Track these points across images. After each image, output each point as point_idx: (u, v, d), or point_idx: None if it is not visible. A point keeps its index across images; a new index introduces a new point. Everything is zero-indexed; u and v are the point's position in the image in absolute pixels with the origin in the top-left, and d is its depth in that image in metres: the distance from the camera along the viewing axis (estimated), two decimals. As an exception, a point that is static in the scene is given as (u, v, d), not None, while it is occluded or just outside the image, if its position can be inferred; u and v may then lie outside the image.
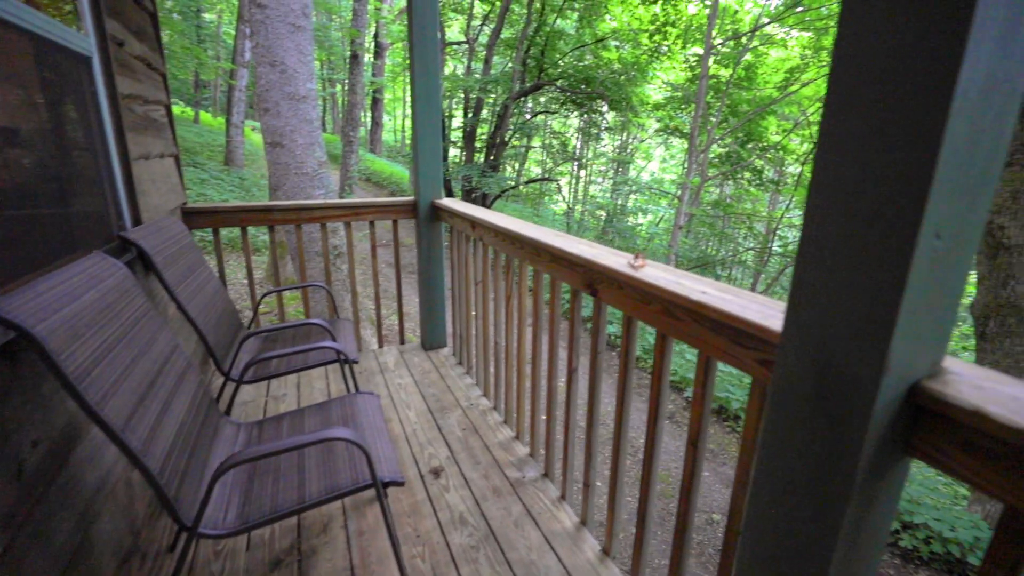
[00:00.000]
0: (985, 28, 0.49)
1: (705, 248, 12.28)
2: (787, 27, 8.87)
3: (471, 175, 10.30)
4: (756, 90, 9.77)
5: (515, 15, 13.17)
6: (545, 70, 11.85)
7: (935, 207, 0.54)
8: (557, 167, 14.32)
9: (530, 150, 15.24)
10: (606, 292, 1.30)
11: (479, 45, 13.85)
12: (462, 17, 14.22)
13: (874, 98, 0.56)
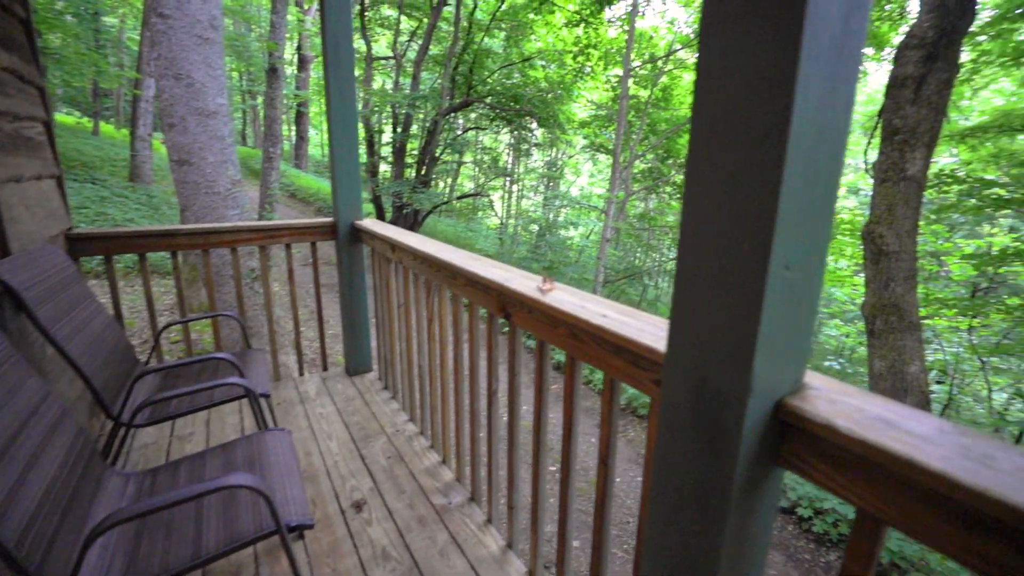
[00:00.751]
0: (809, 86, 0.55)
1: (633, 259, 12.85)
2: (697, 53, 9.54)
3: (402, 191, 10.15)
4: (673, 110, 10.45)
5: (443, 32, 13.25)
6: (474, 87, 11.98)
7: (782, 241, 0.60)
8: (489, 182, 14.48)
9: (462, 165, 15.30)
10: (518, 315, 1.31)
11: (407, 61, 13.79)
12: (389, 32, 14.11)
13: (725, 145, 0.61)
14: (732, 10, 0.58)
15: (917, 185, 5.14)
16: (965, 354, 9.01)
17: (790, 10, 0.53)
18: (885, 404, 0.67)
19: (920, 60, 4.99)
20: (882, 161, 5.20)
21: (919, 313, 5.44)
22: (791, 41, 0.53)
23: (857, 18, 0.58)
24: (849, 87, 0.60)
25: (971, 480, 0.52)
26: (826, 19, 0.54)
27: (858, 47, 0.59)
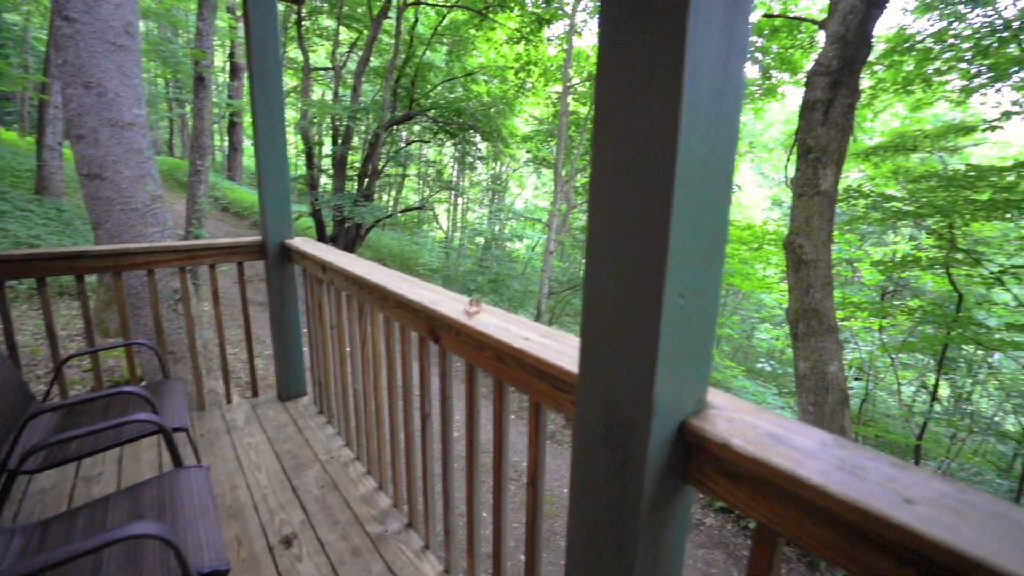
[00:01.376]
0: (692, 130, 0.59)
1: (577, 271, 13.16)
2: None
3: (343, 205, 9.89)
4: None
5: (384, 44, 13.13)
6: (416, 100, 11.92)
7: (675, 271, 0.63)
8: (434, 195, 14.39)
9: (406, 178, 15.13)
10: (447, 338, 1.30)
11: (347, 72, 13.54)
12: (328, 43, 13.81)
13: (621, 183, 0.64)
14: (621, 62, 0.61)
15: (829, 199, 5.59)
16: (877, 352, 9.84)
17: (671, 63, 0.56)
18: (776, 421, 0.72)
19: (827, 86, 5.45)
20: (798, 177, 5.62)
21: (836, 317, 5.88)
22: (673, 91, 0.57)
23: (735, 66, 0.62)
24: (731, 127, 0.64)
25: (842, 491, 0.57)
26: (704, 69, 0.58)
27: (738, 92, 0.63)
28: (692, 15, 0.55)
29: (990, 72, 6.18)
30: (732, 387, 10.38)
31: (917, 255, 7.75)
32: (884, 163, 8.10)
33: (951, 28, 6.29)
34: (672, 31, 0.56)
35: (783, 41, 7.80)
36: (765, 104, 9.31)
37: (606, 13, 0.62)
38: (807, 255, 5.49)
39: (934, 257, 7.57)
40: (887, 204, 6.59)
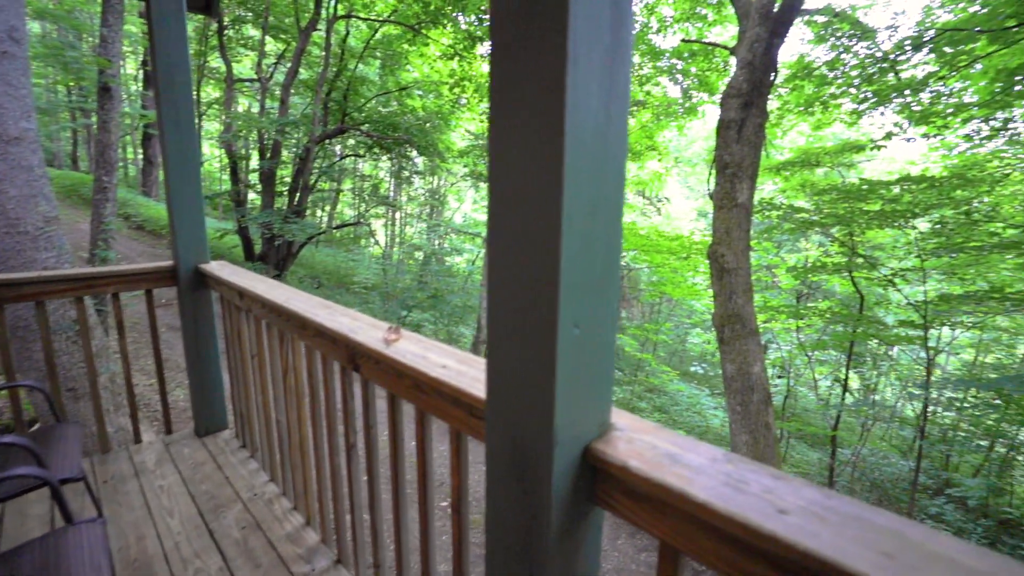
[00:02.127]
0: (578, 170, 0.62)
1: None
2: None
3: (272, 222, 9.45)
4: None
5: (314, 57, 12.79)
6: (349, 114, 11.67)
7: (568, 302, 0.65)
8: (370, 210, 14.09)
9: (341, 193, 14.72)
10: (367, 367, 1.27)
11: (275, 84, 13.06)
12: (253, 53, 13.26)
13: (515, 219, 0.66)
14: (510, 107, 0.64)
15: (746, 211, 6.00)
16: (796, 351, 10.62)
17: (553, 109, 0.59)
18: (673, 439, 0.75)
19: (739, 107, 5.89)
20: (718, 191, 6.00)
21: (757, 320, 6.29)
22: (557, 134, 0.59)
23: (617, 110, 0.66)
24: (617, 165, 0.68)
25: (724, 506, 0.60)
26: (586, 113, 0.61)
27: (621, 133, 0.67)
28: (571, 65, 0.58)
29: (875, 97, 6.92)
30: (669, 390, 10.82)
31: (825, 261, 8.48)
32: (793, 177, 8.82)
33: (841, 57, 7.00)
34: (552, 80, 0.59)
35: (700, 64, 8.36)
36: (688, 122, 9.92)
37: (496, 58, 0.64)
38: (729, 264, 5.86)
39: (839, 262, 8.31)
40: (796, 215, 7.18)
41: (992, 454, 10.01)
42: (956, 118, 6.58)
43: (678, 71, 8.59)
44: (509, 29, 0.62)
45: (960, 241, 7.07)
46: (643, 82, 8.89)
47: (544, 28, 0.58)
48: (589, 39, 0.60)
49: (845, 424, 10.90)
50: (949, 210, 7.23)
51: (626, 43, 0.65)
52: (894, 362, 12.23)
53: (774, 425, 5.99)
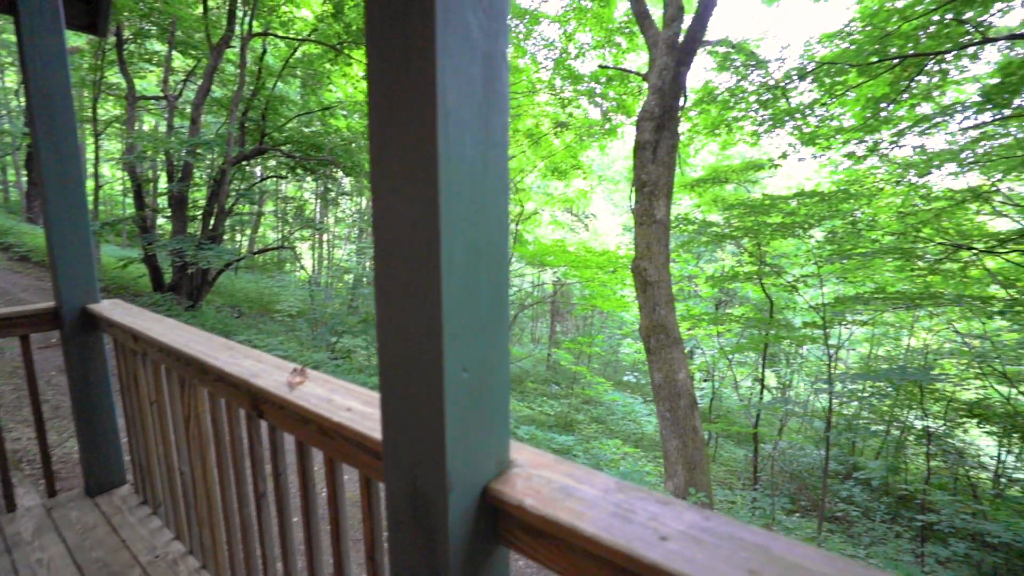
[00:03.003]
0: (453, 217, 0.63)
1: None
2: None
3: (183, 248, 8.79)
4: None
5: (228, 74, 12.19)
6: (269, 134, 11.19)
7: (454, 347, 0.65)
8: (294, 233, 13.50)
9: (262, 216, 14.00)
10: (271, 413, 1.21)
11: (184, 102, 12.28)
12: (158, 69, 12.43)
13: (398, 264, 0.66)
14: (387, 154, 0.64)
15: (664, 227, 6.36)
16: (718, 355, 11.30)
17: (427, 159, 0.60)
18: (570, 471, 0.78)
19: (653, 129, 6.27)
20: (637, 208, 6.32)
21: (681, 329, 6.63)
22: (431, 183, 0.60)
23: (495, 158, 0.68)
24: (499, 211, 0.70)
25: (610, 538, 0.63)
26: (461, 163, 0.63)
27: (500, 180, 0.69)
28: (442, 119, 0.59)
29: (771, 120, 7.63)
30: (604, 400, 11.12)
31: (738, 270, 9.15)
32: (706, 193, 9.48)
33: (741, 84, 7.67)
34: (425, 134, 0.60)
35: (617, 89, 8.84)
36: (609, 142, 10.42)
37: (373, 112, 0.65)
38: (651, 277, 6.17)
39: (750, 271, 8.99)
40: (710, 228, 7.70)
41: (888, 437, 11.11)
42: (837, 139, 7.39)
43: (597, 95, 9.03)
44: (383, 85, 0.63)
45: (849, 248, 7.88)
46: (565, 104, 9.25)
47: (416, 85, 0.60)
48: (460, 94, 0.62)
49: (765, 421, 11.70)
50: (838, 221, 8.06)
51: (500, 95, 0.67)
52: (804, 360, 13.32)
53: (701, 428, 6.31)
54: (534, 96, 9.71)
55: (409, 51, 0.60)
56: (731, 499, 8.66)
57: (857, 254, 7.77)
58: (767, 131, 7.80)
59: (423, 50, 0.58)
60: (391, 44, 0.61)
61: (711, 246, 10.14)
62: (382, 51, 0.62)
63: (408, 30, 0.59)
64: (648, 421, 10.75)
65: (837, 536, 8.07)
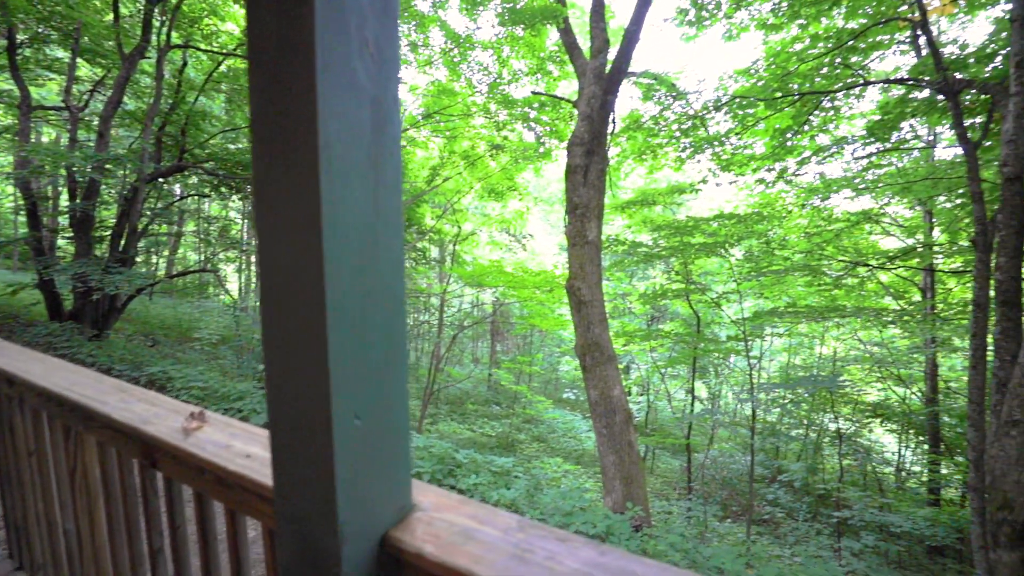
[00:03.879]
0: (343, 261, 0.62)
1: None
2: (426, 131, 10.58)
3: (88, 272, 8.02)
4: (409, 182, 11.19)
5: (143, 86, 11.44)
6: (189, 150, 10.56)
7: (346, 395, 0.63)
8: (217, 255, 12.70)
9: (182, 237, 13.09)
10: (165, 463, 1.12)
11: (91, 114, 11.36)
12: (60, 78, 11.45)
13: (284, 311, 0.64)
14: (271, 199, 0.62)
15: (596, 247, 6.57)
16: (652, 370, 11.74)
17: (310, 204, 0.59)
18: (473, 513, 0.77)
19: (583, 154, 6.51)
20: (570, 230, 6.51)
21: (615, 346, 6.83)
22: (314, 229, 0.59)
23: (386, 201, 0.68)
24: (392, 254, 0.69)
25: (499, 581, 0.62)
26: (347, 206, 0.62)
27: (393, 222, 0.69)
28: (325, 164, 0.59)
29: (692, 147, 8.16)
30: (545, 419, 11.20)
31: (667, 287, 9.61)
32: (636, 214, 9.93)
33: (664, 114, 8.17)
34: (306, 180, 0.59)
35: (550, 114, 9.15)
36: (543, 164, 10.71)
37: (256, 157, 0.63)
38: (585, 296, 6.34)
39: (678, 288, 9.46)
40: (639, 249, 8.05)
41: (807, 440, 11.93)
42: (750, 166, 8.02)
43: (531, 119, 9.29)
44: (266, 129, 0.61)
45: (764, 266, 8.51)
46: (500, 127, 9.44)
47: (297, 128, 0.59)
48: (347, 138, 0.61)
49: (698, 430, 12.23)
50: (754, 241, 8.70)
51: (391, 138, 0.67)
52: (731, 371, 14.11)
53: (637, 442, 6.48)
54: (470, 119, 9.84)
55: (290, 96, 0.59)
56: (668, 510, 8.93)
57: (771, 271, 8.41)
58: (689, 157, 8.33)
59: (304, 95, 0.58)
60: (272, 88, 0.60)
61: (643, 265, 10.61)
62: (263, 95, 0.61)
63: (288, 75, 0.59)
64: (588, 437, 10.93)
65: (765, 538, 8.51)
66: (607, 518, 5.42)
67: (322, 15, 0.57)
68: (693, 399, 10.73)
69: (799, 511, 9.41)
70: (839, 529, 8.33)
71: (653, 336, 9.99)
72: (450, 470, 6.30)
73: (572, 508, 5.59)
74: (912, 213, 10.07)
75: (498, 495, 5.68)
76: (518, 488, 6.06)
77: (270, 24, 0.59)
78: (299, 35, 0.57)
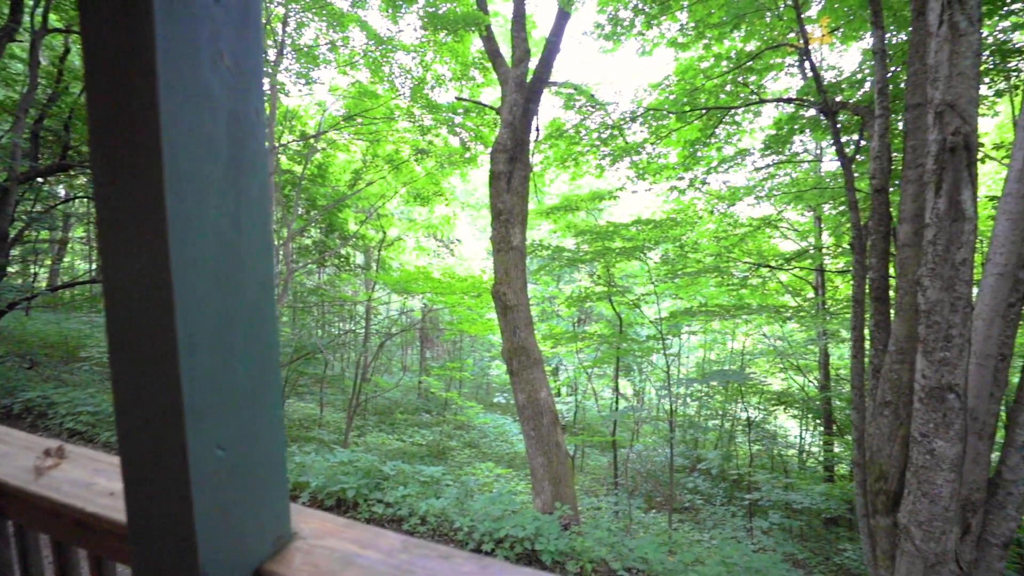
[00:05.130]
0: (198, 284, 0.58)
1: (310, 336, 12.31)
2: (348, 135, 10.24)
3: (-56, 286, 6.95)
4: (331, 186, 10.77)
5: (13, 73, 10.15)
6: (74, 147, 9.50)
7: (202, 424, 0.59)
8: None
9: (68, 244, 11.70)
10: (14, 508, 0.99)
11: (-52, 104, 9.92)
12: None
13: (132, 333, 0.59)
14: (115, 219, 0.58)
15: (521, 253, 6.67)
16: (580, 370, 12.10)
17: (157, 225, 0.55)
18: (356, 537, 0.75)
19: (506, 161, 6.59)
20: (495, 235, 6.56)
21: (543, 349, 6.95)
22: (161, 252, 0.55)
23: (251, 218, 0.65)
24: (260, 274, 0.66)
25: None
26: (202, 225, 0.59)
27: (260, 241, 0.66)
28: (171, 183, 0.55)
29: (611, 156, 8.52)
30: (477, 424, 11.19)
31: (591, 290, 9.95)
32: (561, 219, 10.20)
33: (585, 123, 8.47)
34: (151, 200, 0.55)
35: (475, 120, 9.18)
36: (470, 170, 10.73)
37: (95, 160, 0.58)
38: (511, 301, 6.41)
39: (602, 291, 9.83)
40: (563, 254, 8.28)
41: (722, 429, 12.80)
42: (665, 174, 8.51)
43: (456, 124, 9.28)
44: (106, 144, 0.57)
45: (679, 268, 9.04)
46: (425, 132, 9.33)
47: (140, 143, 0.55)
48: (199, 154, 0.58)
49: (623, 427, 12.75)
50: (670, 244, 9.23)
51: (254, 153, 0.65)
52: (653, 368, 14.85)
53: (565, 443, 6.64)
54: (394, 122, 9.65)
55: (130, 109, 0.55)
56: (597, 506, 9.22)
57: (686, 273, 8.96)
58: (610, 165, 8.69)
59: (146, 110, 0.54)
60: (111, 101, 0.56)
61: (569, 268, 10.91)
62: (102, 107, 0.56)
63: (129, 86, 0.54)
64: (520, 440, 11.05)
65: (687, 525, 9.02)
66: (536, 520, 5.50)
67: (164, 26, 0.53)
68: (617, 397, 11.17)
69: (716, 496, 10.07)
70: (751, 510, 9.01)
71: (579, 338, 10.30)
72: (377, 484, 6.12)
73: (502, 513, 5.62)
74: (805, 219, 11.16)
75: (427, 506, 5.60)
76: (448, 497, 5.99)
77: (107, 34, 0.55)
78: (139, 46, 0.53)
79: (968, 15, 2.60)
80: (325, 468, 6.21)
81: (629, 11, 7.04)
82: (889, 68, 5.48)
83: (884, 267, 4.73)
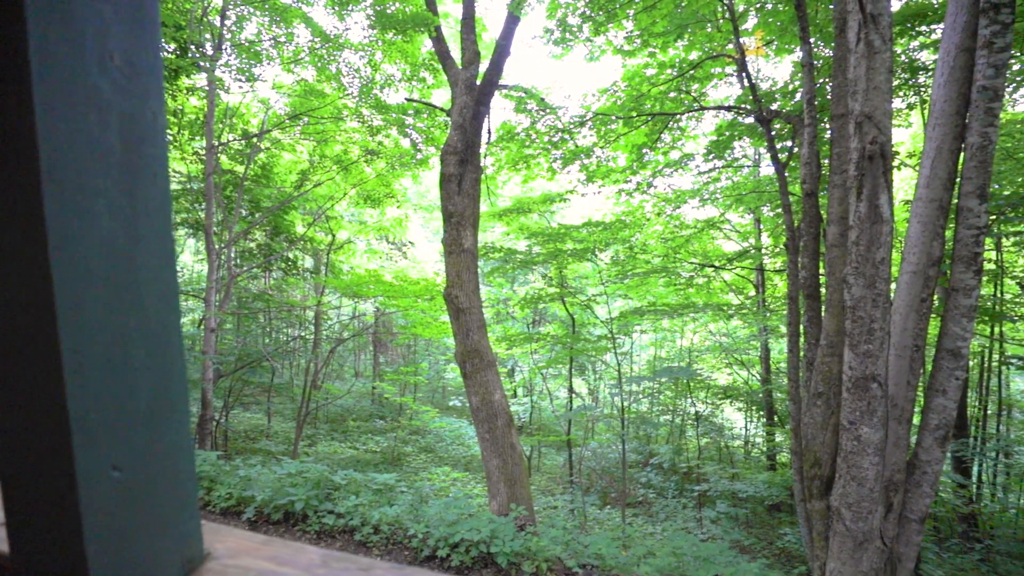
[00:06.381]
0: (86, 297, 0.55)
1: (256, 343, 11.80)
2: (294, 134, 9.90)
3: None
4: (276, 188, 10.37)
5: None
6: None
7: (95, 446, 0.56)
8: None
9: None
10: None
11: None
12: None
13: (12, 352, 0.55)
14: None
15: (472, 256, 6.66)
16: (535, 371, 12.21)
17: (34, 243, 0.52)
18: (275, 552, 0.73)
19: (457, 163, 6.57)
20: (447, 238, 6.52)
21: (497, 351, 6.96)
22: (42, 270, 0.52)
23: (149, 226, 0.62)
24: (163, 284, 0.63)
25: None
26: (93, 237, 0.55)
27: (160, 249, 0.63)
28: (51, 191, 0.51)
29: (562, 159, 8.66)
30: (432, 428, 11.07)
31: (544, 291, 10.06)
32: (513, 222, 10.26)
33: (536, 126, 8.57)
34: (27, 208, 0.51)
35: (426, 121, 9.10)
36: (421, 171, 10.61)
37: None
38: (463, 304, 6.39)
39: (555, 292, 9.96)
40: (515, 256, 8.33)
41: (673, 424, 13.24)
42: (612, 178, 8.73)
43: (407, 126, 9.16)
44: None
45: (629, 269, 9.29)
46: (375, 133, 9.16)
47: (12, 151, 0.51)
48: (84, 162, 0.55)
49: (578, 426, 12.96)
50: (619, 246, 9.47)
51: (152, 158, 0.62)
52: (607, 367, 15.18)
53: (519, 444, 6.67)
54: (342, 122, 9.41)
55: (2, 113, 0.51)
56: (553, 505, 9.32)
57: (635, 273, 9.22)
58: (561, 168, 8.83)
59: (18, 112, 0.50)
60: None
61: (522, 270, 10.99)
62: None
63: (0, 88, 0.51)
64: (476, 443, 11.03)
65: (640, 519, 9.27)
66: (492, 522, 5.50)
67: (38, 24, 0.50)
68: (571, 396, 11.35)
69: (668, 490, 10.39)
70: (700, 501, 9.36)
71: (534, 339, 10.39)
72: (327, 494, 5.94)
73: (458, 517, 5.59)
74: (746, 221, 11.73)
75: (380, 514, 5.49)
76: (402, 504, 5.90)
77: None
78: (8, 46, 0.50)
79: (881, 34, 2.82)
80: (272, 480, 5.97)
81: (577, 17, 7.18)
82: (817, 80, 5.86)
83: (815, 266, 5.05)
